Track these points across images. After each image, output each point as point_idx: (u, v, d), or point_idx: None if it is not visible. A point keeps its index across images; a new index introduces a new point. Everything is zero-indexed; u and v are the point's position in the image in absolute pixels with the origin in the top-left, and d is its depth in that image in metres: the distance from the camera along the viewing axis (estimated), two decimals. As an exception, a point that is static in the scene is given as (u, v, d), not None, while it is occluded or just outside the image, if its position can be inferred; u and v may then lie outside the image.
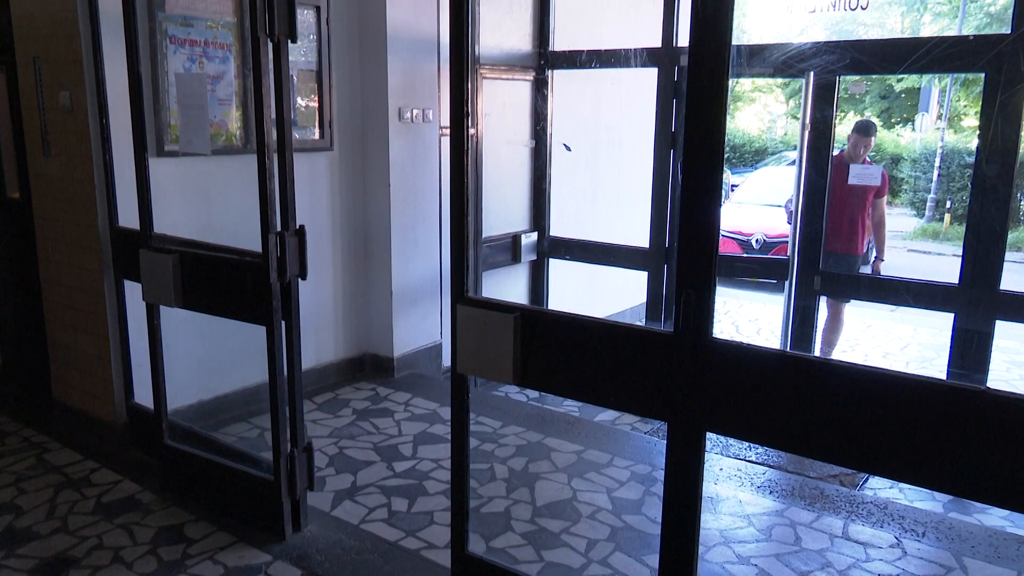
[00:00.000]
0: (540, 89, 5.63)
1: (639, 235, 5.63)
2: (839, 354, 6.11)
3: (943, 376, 4.09)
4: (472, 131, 3.16)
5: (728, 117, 1.96)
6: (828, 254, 5.11)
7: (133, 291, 3.55)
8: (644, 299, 5.74)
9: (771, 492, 3.57)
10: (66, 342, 3.99)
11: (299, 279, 2.92)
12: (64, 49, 3.55)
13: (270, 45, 2.73)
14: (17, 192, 4.33)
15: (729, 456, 4.18)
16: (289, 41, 2.77)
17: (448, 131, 5.03)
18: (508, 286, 5.76)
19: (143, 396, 3.68)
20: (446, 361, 5.20)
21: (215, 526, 3.16)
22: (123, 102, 3.37)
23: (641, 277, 5.70)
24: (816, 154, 4.62)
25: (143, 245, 3.29)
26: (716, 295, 2.02)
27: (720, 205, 2.00)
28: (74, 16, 3.45)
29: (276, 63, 2.74)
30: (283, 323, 2.92)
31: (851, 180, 5.27)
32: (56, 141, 3.75)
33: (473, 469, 2.66)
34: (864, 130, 5.44)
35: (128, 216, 3.54)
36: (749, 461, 4.09)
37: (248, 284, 2.93)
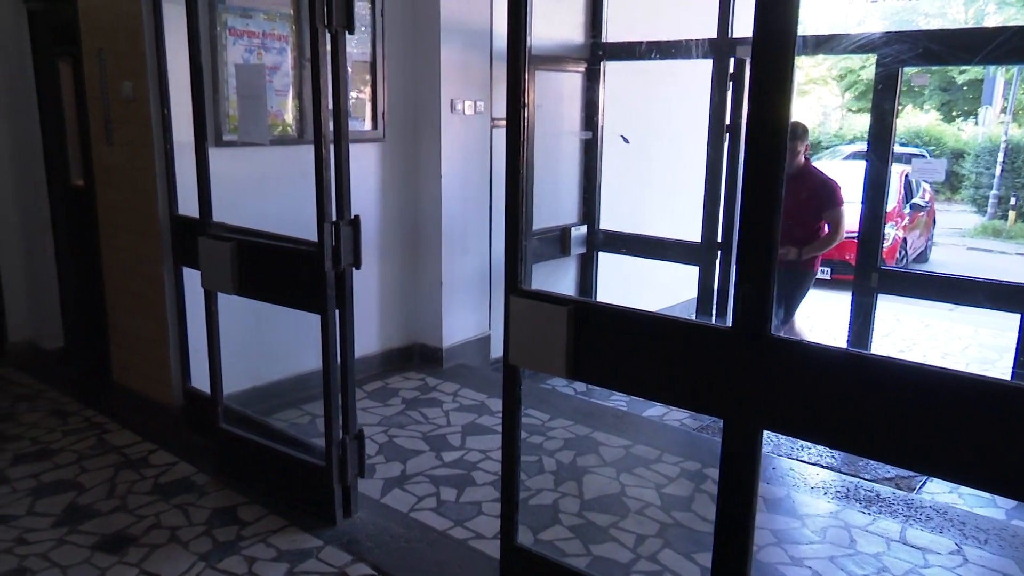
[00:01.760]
0: (592, 80, 5.59)
1: (690, 229, 5.56)
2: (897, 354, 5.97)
3: (1007, 378, 3.96)
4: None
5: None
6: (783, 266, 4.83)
7: (191, 278, 3.63)
8: (694, 294, 5.66)
9: (825, 493, 3.50)
10: (126, 327, 4.09)
11: (353, 268, 2.95)
12: (128, 41, 3.63)
13: (328, 36, 2.76)
14: (81, 180, 4.46)
15: (781, 456, 4.11)
16: (346, 32, 2.80)
17: (500, 123, 5.06)
18: (557, 279, 5.75)
19: (199, 380, 3.76)
20: (494, 353, 5.21)
21: (267, 509, 3.22)
22: (184, 93, 3.44)
23: (691, 272, 5.62)
24: (878, 143, 4.49)
25: (202, 233, 3.36)
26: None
27: (781, 199, 1.96)
28: (138, 9, 3.52)
29: (334, 54, 2.77)
30: (337, 312, 2.95)
31: (913, 174, 5.12)
32: (119, 131, 3.84)
33: (522, 461, 2.66)
34: (791, 134, 4.95)
35: (187, 205, 3.62)
36: (802, 461, 4.01)
37: (303, 273, 2.97)
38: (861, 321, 4.67)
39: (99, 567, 2.83)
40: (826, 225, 4.85)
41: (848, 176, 9.90)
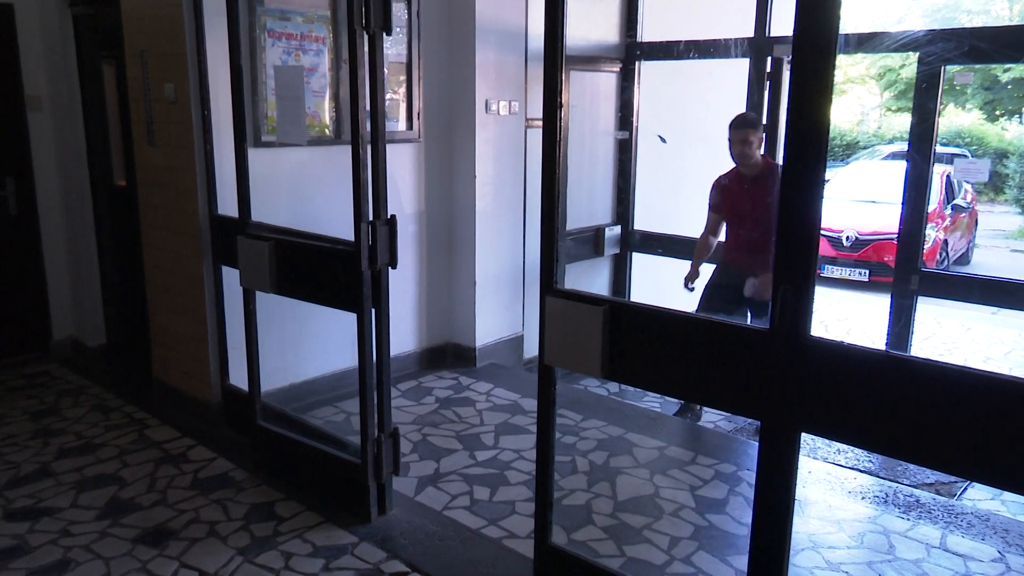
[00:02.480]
0: (627, 80, 5.57)
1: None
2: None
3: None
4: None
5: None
6: (728, 266, 4.39)
7: (230, 277, 3.68)
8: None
9: (862, 498, 3.45)
10: (166, 324, 4.17)
11: (389, 268, 2.97)
12: (169, 43, 3.70)
13: (366, 38, 2.78)
14: (123, 180, 4.55)
15: (817, 459, 4.06)
16: (383, 34, 2.82)
17: (534, 123, 5.06)
18: (590, 279, 5.74)
19: (238, 378, 3.82)
20: (527, 353, 5.22)
21: (304, 505, 3.26)
22: (224, 94, 3.50)
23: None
24: (920, 141, 4.41)
25: (241, 232, 3.41)
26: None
27: (822, 199, 1.93)
28: (179, 12, 3.59)
29: (371, 56, 2.80)
30: (373, 311, 2.98)
31: (955, 175, 4.96)
32: (160, 131, 3.91)
33: (555, 461, 2.66)
34: (741, 123, 4.16)
35: (226, 204, 3.67)
36: (839, 465, 3.96)
37: (340, 272, 3.00)
38: (901, 324, 4.60)
39: (140, 560, 2.88)
40: None
41: (888, 176, 9.78)
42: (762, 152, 4.22)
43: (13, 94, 4.70)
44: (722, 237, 4.54)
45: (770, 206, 4.17)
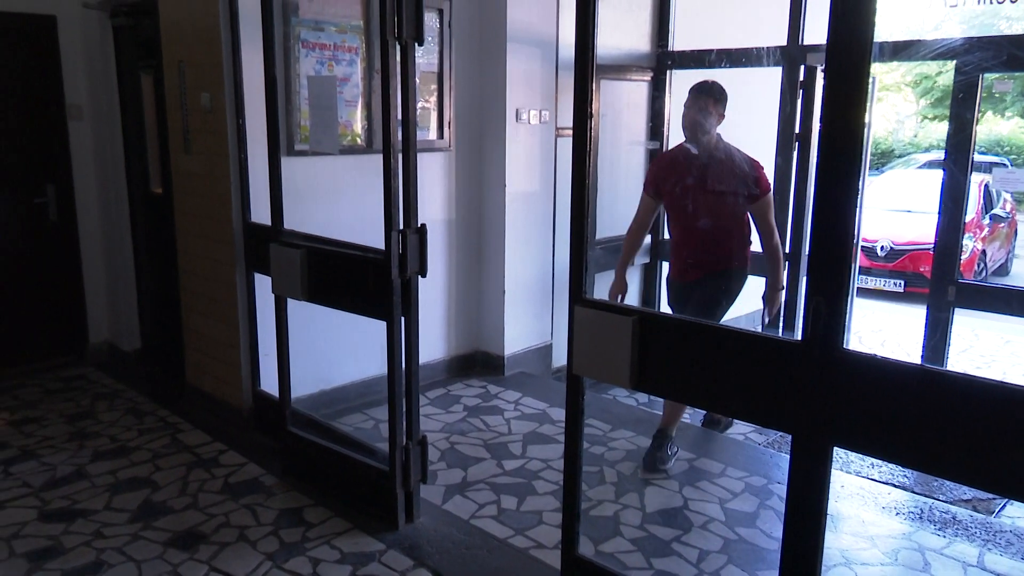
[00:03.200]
0: (658, 89, 5.55)
1: (755, 238, 5.45)
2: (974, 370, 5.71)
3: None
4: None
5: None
6: (682, 287, 3.87)
7: (262, 284, 3.73)
8: (760, 305, 5.55)
9: (897, 513, 3.39)
10: (200, 329, 4.23)
11: (419, 276, 2.99)
12: (206, 53, 3.77)
13: (398, 48, 2.81)
14: (160, 187, 4.63)
15: (850, 473, 3.99)
16: (415, 44, 2.84)
17: (564, 132, 5.06)
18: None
19: (269, 384, 3.86)
20: (556, 362, 5.20)
21: (332, 512, 3.27)
22: (258, 103, 3.55)
23: (757, 282, 5.51)
24: (957, 151, 4.34)
25: (273, 240, 3.45)
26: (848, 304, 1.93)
27: (855, 209, 1.91)
28: (216, 23, 3.65)
29: (403, 66, 2.82)
30: (403, 319, 2.99)
31: (994, 184, 4.79)
32: (196, 140, 3.98)
33: (583, 471, 2.64)
34: (702, 90, 3.71)
35: (259, 212, 3.72)
36: (873, 479, 3.89)
37: (370, 280, 3.02)
38: (937, 336, 4.51)
39: (171, 563, 2.92)
40: (752, 223, 3.78)
41: (924, 185, 9.62)
42: (716, 132, 3.69)
43: (54, 103, 4.82)
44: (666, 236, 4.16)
45: (726, 197, 3.67)
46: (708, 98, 3.66)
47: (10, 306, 4.84)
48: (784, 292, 4.06)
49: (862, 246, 8.98)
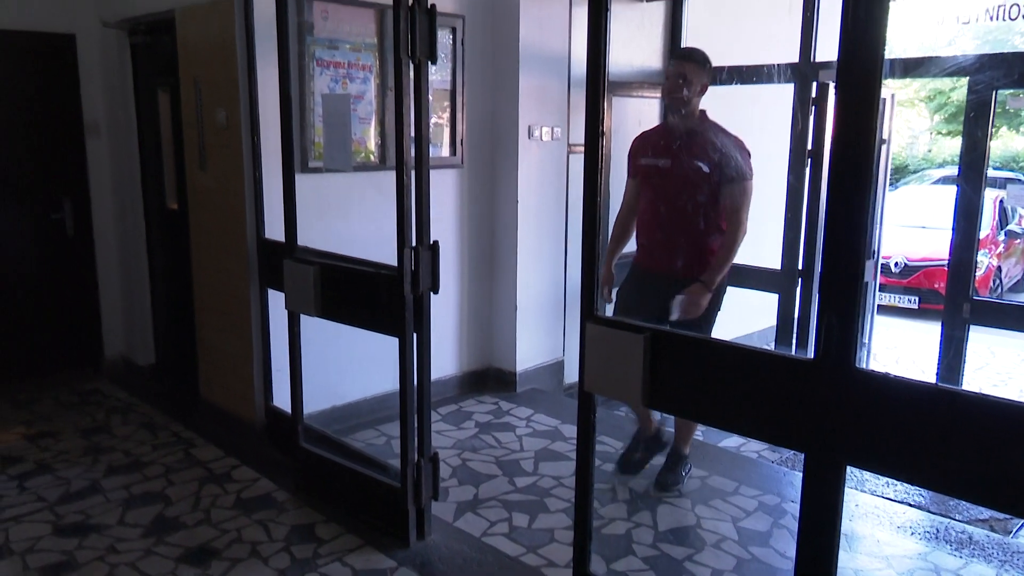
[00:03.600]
0: (670, 106, 5.55)
1: (769, 256, 5.44)
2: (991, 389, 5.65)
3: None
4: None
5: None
6: (645, 273, 3.57)
7: (276, 299, 3.75)
8: (773, 322, 5.53)
9: (912, 533, 3.35)
10: (213, 344, 4.25)
11: (431, 292, 3.00)
12: (222, 71, 3.81)
13: (412, 67, 2.83)
14: (175, 203, 4.67)
15: (865, 492, 3.95)
16: (429, 62, 2.87)
17: (576, 148, 5.07)
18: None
19: (281, 399, 3.87)
20: (568, 378, 5.19)
21: (344, 528, 3.27)
22: (273, 120, 3.58)
23: (770, 299, 5.50)
24: (971, 169, 4.32)
25: (287, 256, 3.47)
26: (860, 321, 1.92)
27: (867, 225, 1.90)
28: (232, 41, 3.69)
29: (416, 84, 2.84)
30: (415, 335, 3.00)
31: (1009, 200, 4.73)
32: (212, 156, 4.02)
33: (595, 489, 2.63)
34: (683, 55, 3.55)
35: (273, 228, 3.75)
36: (887, 499, 3.85)
37: (383, 296, 3.03)
38: (952, 354, 4.48)
39: (183, 578, 2.93)
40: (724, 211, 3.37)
41: (938, 201, 9.57)
42: (699, 105, 3.42)
43: (73, 119, 4.89)
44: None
45: (701, 177, 3.31)
46: (687, 63, 3.37)
47: (27, 320, 4.89)
48: (706, 300, 3.39)
49: (876, 262, 8.93)
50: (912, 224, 9.56)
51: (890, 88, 5.37)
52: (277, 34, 3.41)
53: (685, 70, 3.34)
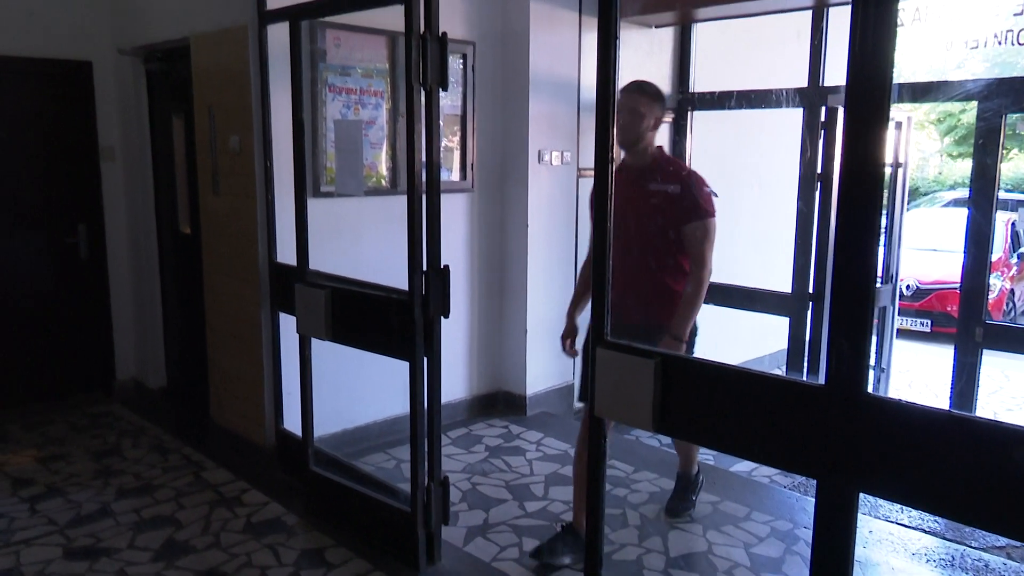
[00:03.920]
0: (679, 129, 5.59)
1: (779, 279, 5.44)
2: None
3: None
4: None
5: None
6: (624, 328, 2.69)
7: (287, 323, 3.76)
8: (784, 345, 5.51)
9: (927, 560, 3.31)
10: (225, 367, 4.27)
11: (441, 316, 3.01)
12: (236, 98, 3.86)
13: (423, 93, 2.86)
14: (188, 227, 4.72)
15: (879, 518, 3.91)
16: (440, 89, 2.90)
17: (586, 172, 5.09)
18: (642, 328, 5.69)
19: (292, 422, 3.88)
20: (578, 402, 5.18)
21: (353, 552, 3.26)
22: (286, 146, 3.62)
23: (780, 323, 5.48)
24: (981, 195, 4.32)
25: (298, 280, 3.50)
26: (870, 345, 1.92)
27: (877, 249, 1.90)
28: (246, 69, 3.75)
29: (428, 110, 2.87)
30: (425, 359, 3.01)
31: (1021, 222, 4.71)
32: (225, 181, 4.06)
33: (605, 514, 2.62)
34: (634, 87, 3.14)
35: (285, 252, 3.78)
36: (902, 525, 3.81)
37: (394, 320, 3.05)
38: (965, 378, 4.44)
39: (193, 602, 2.92)
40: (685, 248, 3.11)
41: (949, 224, 9.54)
42: (655, 141, 3.18)
43: (88, 145, 4.95)
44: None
45: (659, 218, 3.08)
46: (639, 95, 3.11)
47: (41, 343, 4.93)
48: (684, 346, 3.10)
49: (889, 285, 8.89)
50: (924, 247, 9.54)
51: (905, 111, 5.36)
52: (290, 61, 3.46)
53: (637, 104, 3.09)
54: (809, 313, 5.24)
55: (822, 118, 5.01)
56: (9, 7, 4.54)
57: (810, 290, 5.22)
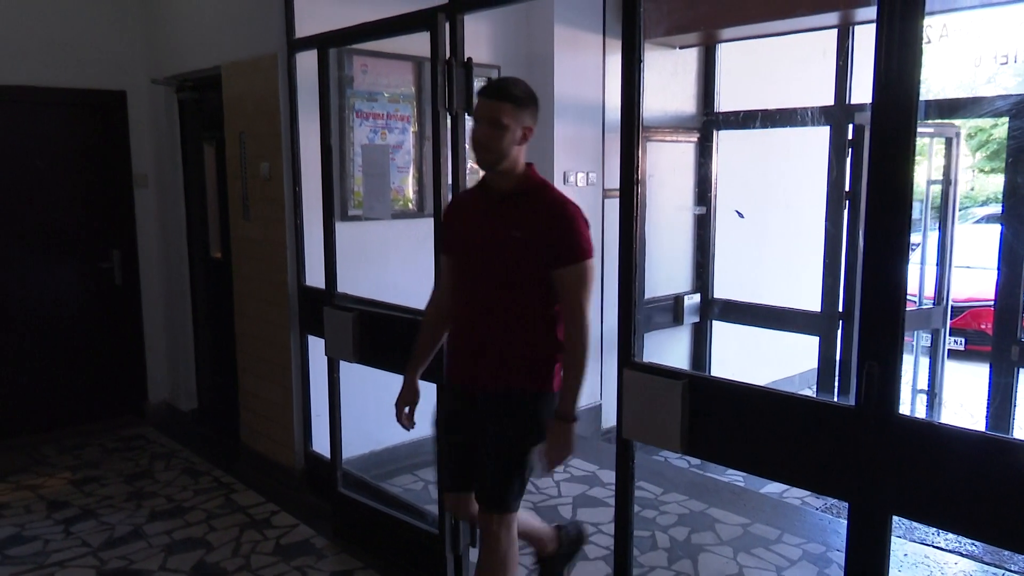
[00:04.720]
0: (705, 149, 5.59)
1: (808, 298, 5.39)
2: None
3: None
4: (638, 195, 3.16)
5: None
6: (462, 392, 2.61)
7: (316, 346, 3.80)
8: (815, 365, 5.45)
9: (965, 584, 3.24)
10: (254, 390, 4.31)
11: (468, 338, 3.01)
12: (266, 125, 3.93)
13: (448, 118, 2.90)
14: (219, 252, 4.79)
15: (914, 541, 3.84)
16: (465, 113, 2.93)
17: (612, 193, 5.10)
18: (670, 348, 5.66)
19: (321, 444, 3.90)
20: (606, 422, 5.15)
21: (381, 575, 3.26)
22: (314, 171, 3.67)
23: (810, 342, 5.42)
24: (1012, 213, 4.25)
25: (327, 303, 3.53)
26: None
27: (906, 268, 1.88)
28: (276, 96, 3.82)
29: (454, 134, 2.91)
30: (452, 381, 3.01)
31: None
32: (255, 207, 4.13)
33: (634, 537, 2.60)
34: (492, 91, 2.45)
35: (314, 275, 3.82)
36: (938, 548, 3.73)
37: (421, 342, 3.05)
38: (1000, 399, 4.36)
39: (223, 625, 2.93)
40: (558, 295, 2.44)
41: (982, 240, 9.38)
42: (523, 159, 2.50)
43: (122, 172, 5.07)
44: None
45: (524, 256, 2.41)
46: (501, 102, 2.41)
47: (75, 367, 5.02)
48: (574, 435, 2.51)
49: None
50: (956, 264, 9.38)
51: (955, 126, 5.23)
52: (319, 88, 3.51)
53: (499, 113, 2.39)
54: (839, 332, 5.18)
55: (849, 136, 4.98)
56: (46, 40, 4.68)
57: (840, 309, 5.16)
